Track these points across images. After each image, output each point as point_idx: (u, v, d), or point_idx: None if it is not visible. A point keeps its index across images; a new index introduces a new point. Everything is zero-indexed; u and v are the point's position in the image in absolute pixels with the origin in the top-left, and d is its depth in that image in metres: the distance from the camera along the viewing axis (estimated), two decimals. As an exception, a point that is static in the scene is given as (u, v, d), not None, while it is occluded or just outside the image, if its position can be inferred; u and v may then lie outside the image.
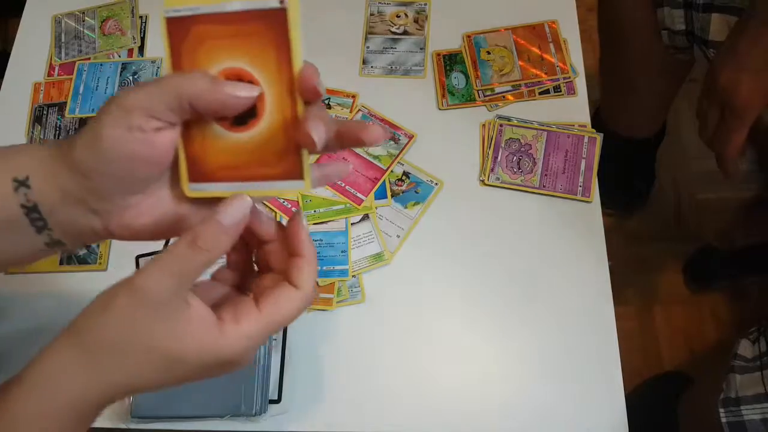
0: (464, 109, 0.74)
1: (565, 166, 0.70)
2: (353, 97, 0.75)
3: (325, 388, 0.62)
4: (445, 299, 0.65)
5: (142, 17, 0.82)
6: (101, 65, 0.79)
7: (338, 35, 0.79)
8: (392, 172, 0.71)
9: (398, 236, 0.68)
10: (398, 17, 0.80)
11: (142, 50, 0.80)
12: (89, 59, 0.79)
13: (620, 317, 0.63)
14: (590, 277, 0.66)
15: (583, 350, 0.63)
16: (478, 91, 0.75)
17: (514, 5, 0.79)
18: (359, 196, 0.69)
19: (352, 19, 0.80)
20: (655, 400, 1.13)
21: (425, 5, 0.80)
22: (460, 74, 0.76)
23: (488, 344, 0.64)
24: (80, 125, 0.75)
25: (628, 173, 1.27)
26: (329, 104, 0.74)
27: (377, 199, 0.70)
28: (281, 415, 0.61)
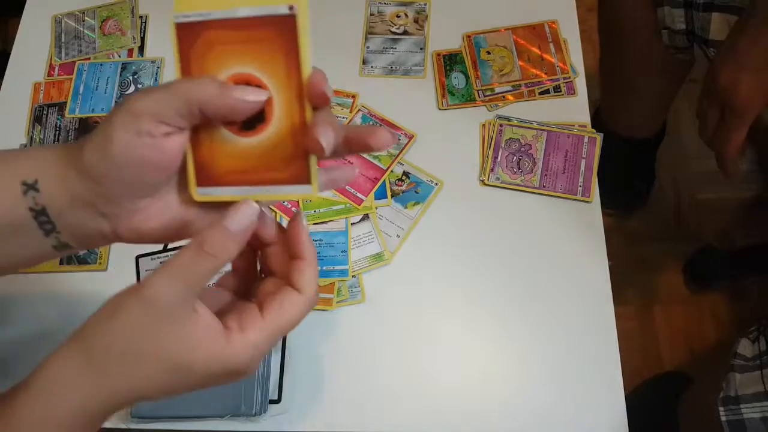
0: (464, 109, 0.74)
1: (565, 166, 0.70)
2: (353, 97, 0.75)
3: (325, 388, 0.62)
4: (445, 299, 0.65)
5: (142, 17, 0.82)
6: (101, 65, 0.79)
7: (338, 35, 0.79)
8: (392, 172, 0.71)
9: (398, 236, 0.68)
10: (398, 17, 0.80)
11: (142, 50, 0.80)
12: (89, 59, 0.79)
13: (620, 317, 0.63)
14: (590, 277, 0.66)
15: (583, 350, 0.63)
16: (478, 91, 0.75)
17: (514, 5, 0.79)
18: (359, 196, 0.69)
19: (352, 19, 0.80)
20: (655, 400, 1.13)
21: (425, 5, 0.80)
22: (460, 74, 0.76)
23: (488, 344, 0.64)
24: (80, 125, 0.75)
25: (628, 173, 1.27)
26: (329, 104, 0.74)
27: (377, 199, 0.70)
28: (281, 415, 0.61)
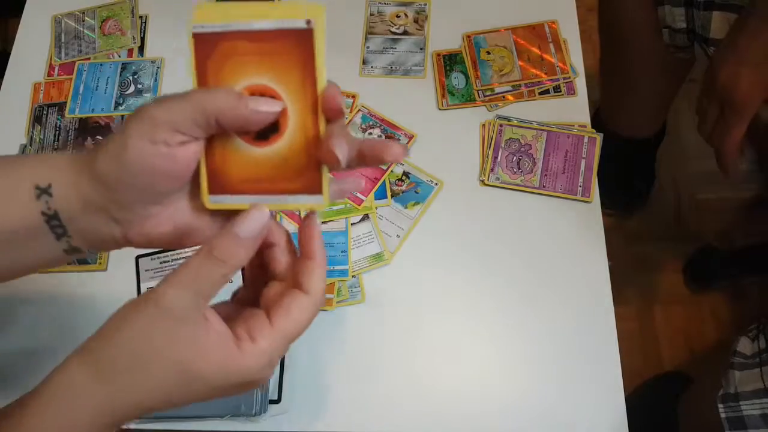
0: (464, 109, 0.74)
1: (565, 166, 0.70)
2: (353, 97, 0.75)
3: (325, 388, 0.62)
4: (444, 299, 0.65)
5: (142, 17, 0.82)
6: (101, 65, 0.79)
7: (338, 35, 0.79)
8: (392, 172, 0.71)
9: (398, 236, 0.68)
10: (398, 17, 0.80)
11: (142, 50, 0.80)
12: (89, 59, 0.79)
13: (620, 317, 0.63)
14: (590, 277, 0.66)
15: (583, 350, 0.63)
16: (478, 91, 0.75)
17: (514, 5, 0.79)
18: (359, 196, 0.69)
19: (352, 19, 0.80)
20: (655, 400, 1.13)
21: (425, 5, 0.80)
22: (460, 74, 0.76)
23: (488, 344, 0.64)
24: (80, 125, 0.75)
25: (628, 173, 1.27)
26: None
27: (377, 199, 0.70)
28: (281, 415, 0.61)
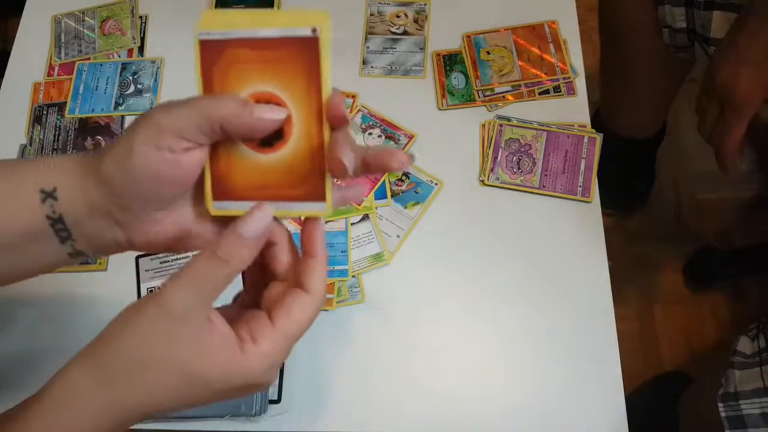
0: (464, 109, 0.74)
1: (564, 166, 0.70)
2: (353, 97, 0.75)
3: (324, 388, 0.62)
4: (444, 299, 0.65)
5: (142, 17, 0.82)
6: (101, 65, 0.79)
7: (338, 35, 0.78)
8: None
9: (398, 236, 0.68)
10: (398, 17, 0.80)
11: (142, 50, 0.80)
12: (89, 59, 0.79)
13: (620, 317, 0.63)
14: (590, 277, 0.66)
15: (583, 350, 0.63)
16: (477, 91, 0.75)
17: (514, 5, 0.79)
18: (359, 196, 0.69)
19: (352, 19, 0.80)
20: (655, 400, 1.13)
21: (425, 5, 0.80)
22: (459, 74, 0.76)
23: (488, 344, 0.64)
24: (80, 125, 0.75)
25: (628, 173, 1.27)
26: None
27: (377, 199, 0.70)
28: (281, 415, 0.61)
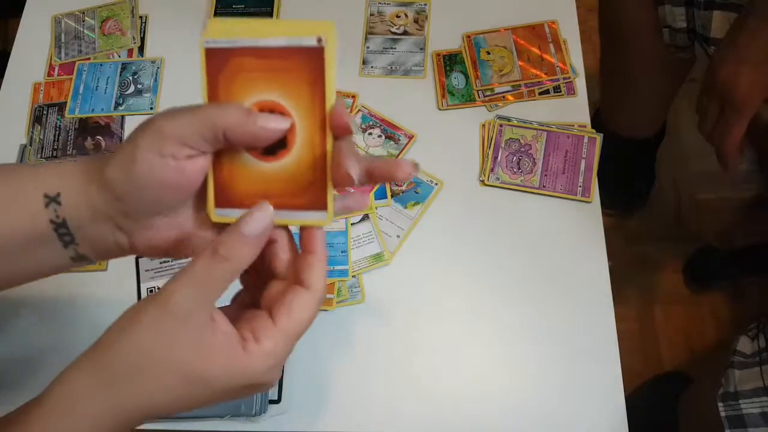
0: (464, 109, 0.74)
1: (564, 166, 0.70)
2: (353, 97, 0.75)
3: (324, 388, 0.62)
4: (444, 299, 0.65)
5: (142, 17, 0.82)
6: (101, 65, 0.79)
7: (338, 35, 0.79)
8: (392, 172, 0.71)
9: (398, 236, 0.68)
10: (398, 17, 0.80)
11: (142, 50, 0.80)
12: (89, 59, 0.79)
13: (620, 317, 0.63)
14: (590, 277, 0.66)
15: (583, 350, 0.63)
16: (478, 91, 0.75)
17: (514, 5, 0.79)
18: (359, 196, 0.69)
19: (352, 19, 0.80)
20: (655, 400, 1.13)
21: (425, 5, 0.80)
22: (460, 74, 0.76)
23: (488, 344, 0.64)
24: (80, 125, 0.75)
25: (628, 173, 1.27)
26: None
27: (377, 199, 0.70)
28: (281, 415, 0.61)
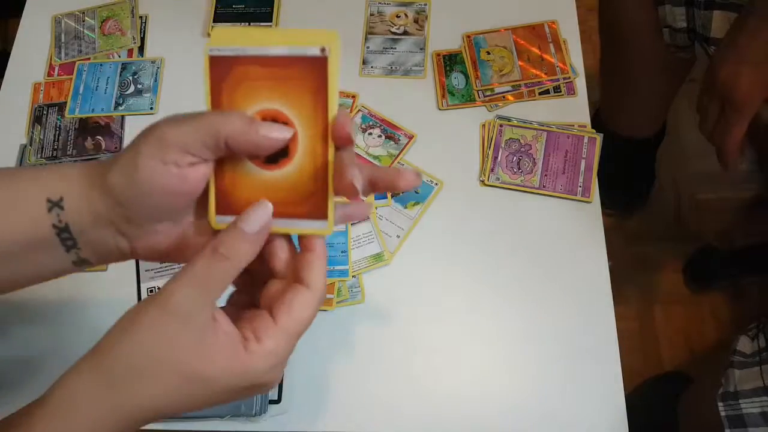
0: (464, 109, 0.74)
1: (565, 166, 0.70)
2: (353, 97, 0.75)
3: (324, 388, 0.62)
4: (444, 299, 0.65)
5: (142, 17, 0.82)
6: (101, 65, 0.79)
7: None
8: (392, 172, 0.71)
9: (398, 236, 0.68)
10: (398, 17, 0.80)
11: (142, 50, 0.80)
12: (89, 59, 0.79)
13: (620, 317, 0.63)
14: (590, 277, 0.66)
15: (583, 350, 0.63)
16: (478, 91, 0.75)
17: (514, 5, 0.79)
18: (359, 196, 0.69)
19: (352, 19, 0.80)
20: (655, 400, 1.13)
21: (425, 5, 0.80)
22: (460, 74, 0.76)
23: (488, 344, 0.64)
24: (80, 125, 0.75)
25: (628, 173, 1.27)
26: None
27: (377, 199, 0.70)
28: (281, 415, 0.61)
